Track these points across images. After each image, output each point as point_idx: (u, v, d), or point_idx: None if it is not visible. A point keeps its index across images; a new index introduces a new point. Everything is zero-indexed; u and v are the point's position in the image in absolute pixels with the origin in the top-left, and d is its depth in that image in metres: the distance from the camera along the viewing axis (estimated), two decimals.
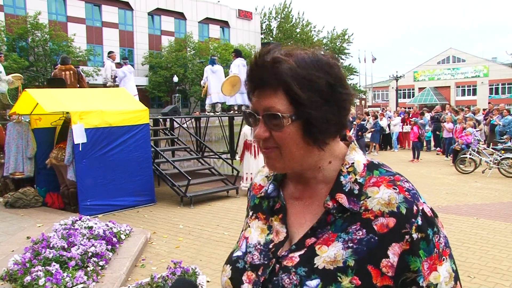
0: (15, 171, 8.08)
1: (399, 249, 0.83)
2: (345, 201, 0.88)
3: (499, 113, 15.18)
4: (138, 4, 32.15)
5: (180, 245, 5.64)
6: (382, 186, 0.88)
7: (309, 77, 0.86)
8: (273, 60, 0.87)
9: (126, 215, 7.43)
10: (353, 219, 0.87)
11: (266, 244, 0.95)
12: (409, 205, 0.85)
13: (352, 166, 0.92)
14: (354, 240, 0.85)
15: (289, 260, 0.89)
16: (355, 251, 0.84)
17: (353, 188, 0.89)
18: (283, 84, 0.85)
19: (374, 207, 0.86)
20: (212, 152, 10.73)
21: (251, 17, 38.72)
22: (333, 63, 0.90)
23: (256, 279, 0.91)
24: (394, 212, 0.85)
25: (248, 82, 0.91)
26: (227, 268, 0.98)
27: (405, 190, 0.87)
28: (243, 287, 0.92)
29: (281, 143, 0.88)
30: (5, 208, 7.72)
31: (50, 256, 4.33)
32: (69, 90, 8.71)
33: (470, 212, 7.24)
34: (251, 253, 0.96)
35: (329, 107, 0.87)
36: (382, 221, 0.85)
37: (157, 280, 3.79)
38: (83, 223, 5.65)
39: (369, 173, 0.92)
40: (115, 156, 7.64)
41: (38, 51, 25.13)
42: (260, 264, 0.92)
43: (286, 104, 0.86)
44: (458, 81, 51.48)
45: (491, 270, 4.61)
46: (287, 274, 0.87)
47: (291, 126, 0.87)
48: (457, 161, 11.73)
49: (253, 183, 1.10)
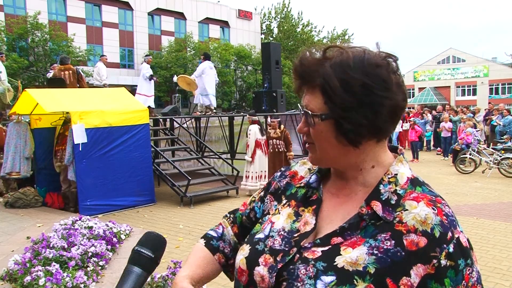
0: (11, 171, 8.05)
1: (423, 271, 0.80)
2: (380, 209, 0.87)
3: (499, 113, 15.18)
4: (138, 4, 32.13)
5: (180, 245, 5.64)
6: (422, 202, 0.86)
7: (344, 78, 0.85)
8: (316, 59, 0.90)
9: (126, 215, 7.43)
10: (385, 228, 0.85)
11: (290, 231, 0.95)
12: (444, 230, 0.82)
13: (394, 177, 0.91)
14: (380, 249, 0.83)
15: (310, 252, 0.88)
16: (379, 259, 0.82)
17: (391, 198, 0.88)
18: (320, 84, 0.88)
19: (408, 221, 0.84)
20: (212, 152, 10.73)
21: (251, 17, 38.70)
22: (381, 63, 0.87)
23: (273, 263, 0.90)
24: (427, 232, 0.82)
25: (294, 79, 0.94)
26: (246, 247, 0.97)
27: (443, 214, 0.84)
28: (257, 268, 0.92)
29: (314, 139, 0.92)
30: (5, 208, 7.72)
31: (50, 256, 4.33)
32: (69, 90, 8.70)
33: (470, 212, 7.24)
34: (273, 238, 0.95)
35: (361, 110, 0.85)
36: (413, 238, 0.82)
37: (157, 280, 3.79)
38: (83, 223, 5.66)
39: (411, 187, 0.90)
40: (115, 156, 7.64)
41: (38, 51, 25.10)
42: (280, 250, 0.92)
43: (321, 103, 0.88)
44: (458, 81, 51.46)
45: (491, 270, 4.61)
46: (305, 265, 0.87)
47: (322, 125, 0.89)
48: (457, 161, 11.73)
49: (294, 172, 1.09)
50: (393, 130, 0.94)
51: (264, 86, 11.26)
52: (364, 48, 0.90)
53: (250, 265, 0.93)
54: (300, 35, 37.74)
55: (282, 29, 38.15)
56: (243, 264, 0.95)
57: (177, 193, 8.48)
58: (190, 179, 8.28)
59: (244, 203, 1.18)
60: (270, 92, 10.97)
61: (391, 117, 0.89)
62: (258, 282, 0.91)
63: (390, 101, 0.87)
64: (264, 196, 1.11)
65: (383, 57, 0.89)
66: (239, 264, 0.96)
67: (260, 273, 0.91)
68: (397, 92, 0.88)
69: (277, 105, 10.87)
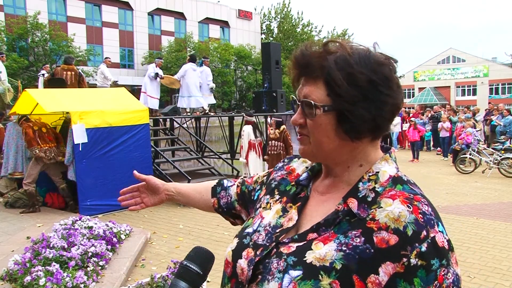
0: (14, 171, 8.07)
1: (392, 270, 0.79)
2: (355, 206, 0.87)
3: (499, 113, 15.18)
4: (138, 4, 32.14)
5: (180, 245, 5.63)
6: (397, 200, 0.84)
7: (351, 71, 0.85)
8: (320, 51, 0.89)
9: (126, 215, 7.43)
10: (357, 225, 0.85)
11: (275, 227, 0.96)
12: (417, 228, 0.80)
13: (375, 175, 0.90)
14: (349, 245, 0.83)
15: (286, 247, 0.90)
16: (346, 256, 0.82)
17: (368, 195, 0.88)
18: (324, 75, 0.87)
19: (381, 218, 0.83)
20: (212, 152, 10.73)
21: (251, 17, 38.71)
22: (385, 62, 0.88)
23: (253, 257, 0.93)
24: (399, 230, 0.80)
25: (293, 69, 0.93)
26: (234, 240, 1.00)
27: (419, 212, 0.82)
28: (240, 261, 0.94)
29: (312, 131, 0.91)
30: (5, 208, 7.72)
31: (50, 256, 4.33)
32: (69, 90, 8.71)
33: (470, 212, 7.24)
34: (259, 232, 0.97)
35: (365, 104, 0.86)
36: (384, 236, 0.81)
37: (157, 280, 3.79)
38: (83, 223, 5.66)
39: (391, 185, 0.89)
40: (115, 156, 7.64)
41: (38, 51, 25.12)
42: (262, 245, 0.94)
43: (323, 95, 0.88)
44: (458, 81, 51.46)
45: (491, 270, 4.61)
46: (277, 259, 0.88)
47: (323, 116, 0.88)
48: (457, 161, 11.73)
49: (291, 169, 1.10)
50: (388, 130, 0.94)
51: (264, 86, 11.26)
52: (367, 47, 0.91)
53: (235, 258, 0.96)
54: (300, 35, 37.74)
55: (282, 29, 38.15)
56: (229, 256, 0.98)
57: None
58: (190, 179, 8.28)
59: (252, 178, 1.26)
60: (270, 92, 10.98)
61: (390, 115, 0.90)
62: (239, 274, 0.94)
63: (392, 99, 0.88)
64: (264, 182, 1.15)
65: (385, 57, 0.90)
66: (226, 256, 0.99)
67: (241, 266, 0.94)
68: (398, 92, 0.90)
69: (277, 105, 10.88)
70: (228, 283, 0.97)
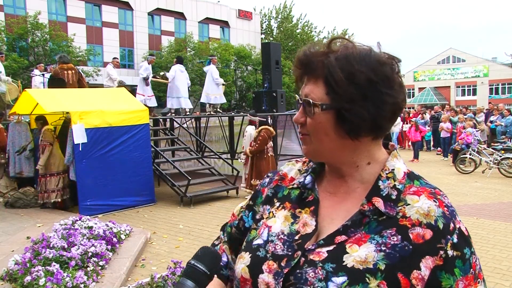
0: (21, 170, 8.28)
1: (432, 263, 0.82)
2: (381, 205, 0.87)
3: (499, 113, 15.18)
4: (138, 4, 32.14)
5: (180, 245, 5.64)
6: (423, 196, 0.87)
7: (351, 70, 0.86)
8: (321, 51, 0.90)
9: (126, 215, 7.43)
10: (389, 223, 0.86)
11: (290, 234, 0.93)
12: (446, 221, 0.84)
13: (392, 172, 0.92)
14: (388, 245, 0.84)
15: (316, 254, 0.88)
16: (388, 255, 0.83)
17: (391, 193, 0.89)
18: (324, 74, 0.88)
19: (412, 215, 0.85)
20: (212, 152, 10.73)
21: (251, 17, 38.71)
22: (386, 61, 0.89)
23: (278, 269, 0.89)
24: (432, 224, 0.84)
25: (296, 68, 0.94)
26: (245, 255, 0.96)
27: (444, 206, 0.87)
28: (262, 276, 0.90)
29: (312, 130, 0.91)
30: (5, 208, 7.72)
31: (50, 256, 4.33)
32: (69, 90, 8.70)
33: (470, 212, 7.24)
34: (273, 242, 0.94)
35: (364, 103, 0.86)
36: (419, 231, 0.84)
37: (157, 280, 3.79)
38: (83, 223, 5.66)
39: (409, 181, 0.91)
40: (115, 156, 7.64)
41: (38, 51, 25.11)
42: (284, 255, 0.90)
43: (323, 93, 0.88)
44: (458, 81, 51.46)
45: (491, 270, 4.61)
46: (312, 268, 0.86)
47: (322, 115, 0.89)
48: (457, 161, 11.73)
49: (283, 174, 1.07)
50: (389, 129, 0.94)
51: (264, 86, 11.25)
52: (370, 47, 0.91)
53: (253, 273, 0.92)
54: (301, 36, 37.73)
55: (283, 29, 38.13)
56: (246, 273, 0.93)
57: (177, 193, 8.48)
58: (190, 179, 8.28)
59: (233, 214, 1.16)
60: (270, 92, 10.97)
61: (391, 115, 0.90)
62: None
63: (392, 99, 0.88)
64: (253, 204, 1.08)
65: (387, 57, 0.91)
66: (240, 273, 0.94)
67: (265, 281, 0.89)
68: (399, 92, 0.90)
69: (277, 105, 10.87)
70: None
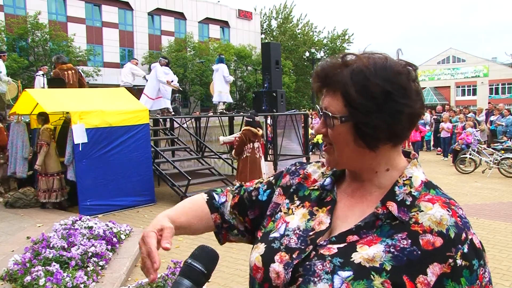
0: (15, 171, 8.23)
1: (439, 270, 0.84)
2: (395, 209, 0.90)
3: (499, 113, 15.17)
4: (138, 4, 32.12)
5: (180, 245, 5.63)
6: (437, 204, 0.89)
7: (366, 83, 0.88)
8: (338, 64, 0.93)
9: (126, 215, 7.43)
10: (401, 228, 0.88)
11: (305, 230, 0.97)
12: (458, 231, 0.86)
13: (409, 180, 0.94)
14: (397, 247, 0.86)
15: (326, 249, 0.91)
16: (395, 258, 0.85)
17: (406, 199, 0.91)
18: (341, 87, 0.90)
19: (424, 222, 0.87)
20: (212, 152, 10.73)
21: (251, 17, 38.68)
22: (402, 70, 0.90)
23: (289, 260, 0.93)
24: (443, 233, 0.85)
25: (315, 82, 0.97)
26: (261, 245, 1.00)
27: (458, 216, 0.88)
28: (273, 265, 0.94)
29: (333, 140, 0.95)
30: (5, 208, 7.72)
31: (50, 256, 4.33)
32: (69, 90, 8.71)
33: (470, 212, 7.23)
34: (288, 236, 0.98)
35: (381, 115, 0.88)
36: (429, 238, 0.85)
37: (157, 280, 3.79)
38: (83, 223, 5.66)
39: (425, 189, 0.93)
40: (115, 156, 7.64)
41: (38, 51, 25.10)
42: (296, 248, 0.94)
43: (341, 106, 0.91)
44: (458, 81, 51.44)
45: (491, 270, 4.59)
46: (321, 261, 0.89)
47: (341, 127, 0.92)
48: (457, 161, 11.73)
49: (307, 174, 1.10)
50: (408, 137, 0.98)
51: (264, 86, 11.25)
52: (386, 55, 0.93)
53: (266, 262, 0.96)
54: (301, 36, 37.69)
55: (283, 29, 38.10)
56: (259, 262, 0.97)
57: (177, 193, 8.47)
58: (190, 179, 8.28)
59: (252, 181, 1.22)
60: (270, 92, 10.97)
61: (409, 123, 0.92)
62: (273, 278, 0.93)
63: (409, 108, 0.90)
64: (274, 183, 1.13)
65: (404, 65, 0.92)
66: (254, 261, 0.99)
67: (275, 270, 0.93)
68: (416, 100, 0.91)
69: (277, 105, 10.87)
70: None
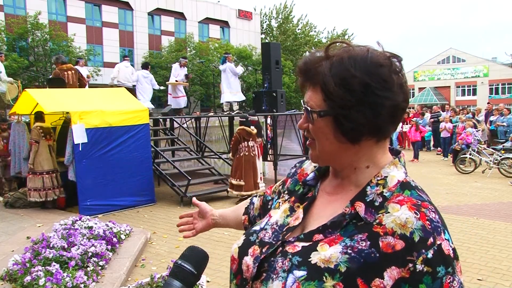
0: (20, 170, 8.32)
1: (397, 274, 0.79)
2: (362, 210, 0.87)
3: (499, 113, 15.16)
4: (138, 4, 32.12)
5: (180, 245, 5.63)
6: (405, 206, 0.84)
7: (345, 75, 0.85)
8: (318, 57, 0.91)
9: (126, 215, 7.43)
10: (363, 228, 0.85)
11: (282, 225, 0.98)
12: (424, 235, 0.80)
13: (384, 179, 0.90)
14: (355, 249, 0.83)
15: (292, 247, 0.91)
16: (352, 259, 0.82)
17: (375, 200, 0.88)
18: (320, 80, 0.89)
19: (388, 224, 0.83)
20: (212, 152, 10.73)
21: (251, 17, 38.67)
22: (384, 62, 0.87)
23: (259, 255, 0.94)
24: (406, 236, 0.80)
25: (298, 76, 0.97)
26: (241, 237, 1.02)
27: (427, 219, 0.82)
28: (245, 258, 0.96)
29: (314, 135, 0.94)
30: (5, 208, 7.72)
31: (50, 256, 4.33)
32: (69, 90, 8.71)
33: (470, 212, 7.23)
34: (265, 230, 0.99)
35: (361, 108, 0.85)
36: (390, 241, 0.81)
37: (157, 280, 3.79)
38: (83, 223, 5.66)
39: (399, 190, 0.89)
40: (115, 156, 7.64)
41: (38, 51, 25.08)
42: (268, 243, 0.95)
43: (321, 100, 0.89)
44: (458, 81, 51.44)
45: (491, 270, 4.61)
46: (282, 258, 0.89)
47: (320, 121, 0.90)
48: (457, 161, 11.73)
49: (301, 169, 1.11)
50: (394, 131, 0.93)
51: (264, 86, 11.24)
52: (368, 47, 0.89)
53: (241, 255, 0.98)
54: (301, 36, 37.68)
55: (284, 29, 38.09)
56: (235, 253, 1.00)
57: (177, 193, 8.47)
58: (190, 179, 8.28)
59: (270, 187, 1.26)
60: (270, 92, 10.96)
61: (391, 117, 0.88)
62: (244, 271, 0.95)
63: (390, 101, 0.86)
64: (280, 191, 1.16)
65: (387, 56, 0.89)
66: (232, 252, 1.01)
67: (247, 262, 0.95)
68: (398, 93, 0.87)
69: (277, 105, 10.86)
70: (234, 279, 0.99)
